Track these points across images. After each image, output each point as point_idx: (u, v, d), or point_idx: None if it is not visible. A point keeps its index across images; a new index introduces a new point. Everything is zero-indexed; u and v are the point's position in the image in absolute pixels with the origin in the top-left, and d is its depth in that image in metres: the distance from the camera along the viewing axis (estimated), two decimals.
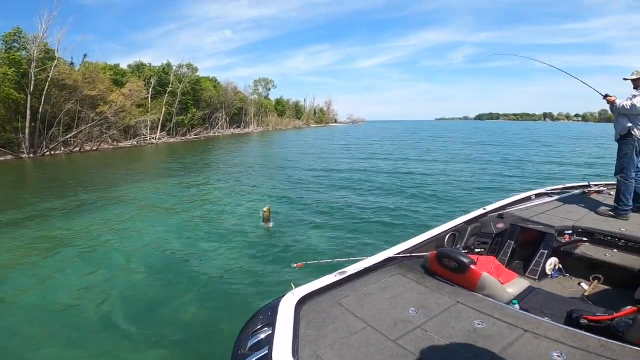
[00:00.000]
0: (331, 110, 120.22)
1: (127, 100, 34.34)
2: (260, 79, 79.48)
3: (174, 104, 44.11)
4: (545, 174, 14.74)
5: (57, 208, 9.92)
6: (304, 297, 2.13)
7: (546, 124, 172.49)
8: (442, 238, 3.20)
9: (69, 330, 4.01)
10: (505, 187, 11.44)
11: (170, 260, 6.08)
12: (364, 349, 1.70)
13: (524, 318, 1.89)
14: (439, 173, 14.84)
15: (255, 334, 1.88)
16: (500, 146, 29.58)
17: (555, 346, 1.62)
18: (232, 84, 61.56)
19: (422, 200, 9.93)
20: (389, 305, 2.08)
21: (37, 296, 4.85)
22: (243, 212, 9.14)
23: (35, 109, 26.73)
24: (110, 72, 36.92)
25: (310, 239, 6.87)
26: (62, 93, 28.61)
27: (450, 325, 1.86)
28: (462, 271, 2.26)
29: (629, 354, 1.54)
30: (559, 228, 3.37)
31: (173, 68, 45.76)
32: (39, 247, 6.86)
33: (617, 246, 3.15)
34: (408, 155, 23.07)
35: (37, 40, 27.37)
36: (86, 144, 31.09)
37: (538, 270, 3.11)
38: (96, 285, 5.12)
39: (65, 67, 30.33)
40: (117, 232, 7.70)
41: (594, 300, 2.73)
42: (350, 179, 13.91)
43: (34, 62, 26.32)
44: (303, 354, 1.66)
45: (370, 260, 2.62)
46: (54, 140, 28.72)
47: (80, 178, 15.98)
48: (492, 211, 3.94)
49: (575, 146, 29.72)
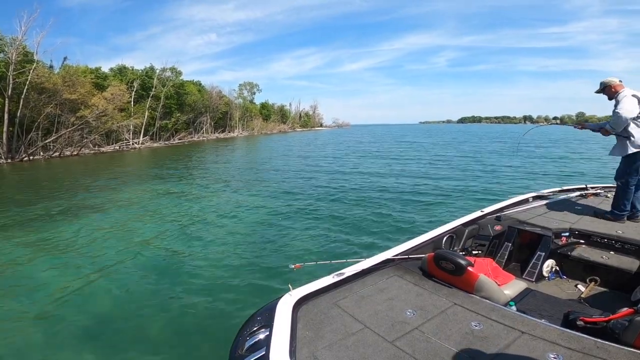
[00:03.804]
0: (317, 114, 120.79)
1: (109, 105, 33.62)
2: (246, 83, 79.36)
3: (158, 108, 43.49)
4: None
5: (36, 213, 9.61)
6: (302, 299, 2.12)
7: (527, 126, 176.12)
8: (440, 240, 3.20)
9: (50, 339, 3.90)
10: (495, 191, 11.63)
11: (164, 263, 5.98)
12: (362, 350, 1.70)
13: (521, 320, 1.90)
14: (430, 175, 15.00)
15: (253, 335, 1.87)
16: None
17: (552, 348, 1.64)
18: (216, 88, 61.38)
19: (417, 202, 9.97)
20: (386, 307, 2.08)
21: (23, 302, 4.71)
22: (237, 214, 9.05)
23: (13, 113, 26.03)
24: (92, 76, 36.11)
25: (307, 241, 6.84)
26: (41, 97, 27.95)
27: (447, 327, 1.86)
28: (460, 273, 2.27)
29: (625, 355, 1.55)
30: (556, 230, 3.39)
31: (157, 72, 45.23)
32: (19, 252, 6.64)
33: (614, 248, 3.16)
34: (403, 156, 23.27)
35: (16, 42, 26.70)
36: (66, 149, 30.39)
37: (535, 272, 3.12)
38: (82, 290, 5.00)
39: (44, 70, 29.61)
40: (104, 236, 7.49)
41: (591, 302, 2.76)
42: (347, 180, 13.92)
43: (12, 65, 25.62)
44: (300, 355, 1.65)
45: (367, 262, 2.61)
46: (33, 145, 27.97)
47: (60, 183, 15.50)
48: (490, 213, 3.95)
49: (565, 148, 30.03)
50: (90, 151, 32.64)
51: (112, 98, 34.62)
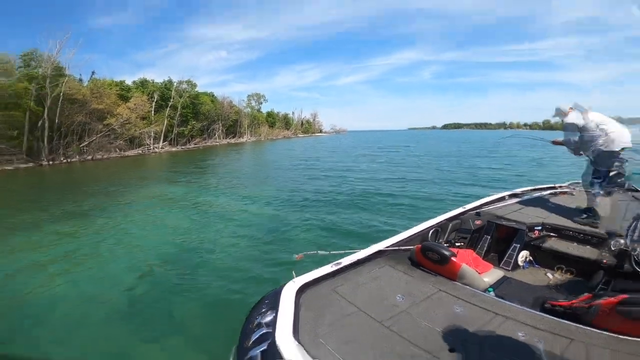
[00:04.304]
0: (317, 121, 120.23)
1: (132, 113, 33.71)
2: (253, 94, 78.71)
3: (175, 116, 43.35)
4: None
5: (83, 208, 9.73)
6: (304, 285, 2.13)
7: (501, 132, 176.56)
8: (427, 233, 3.20)
9: (96, 316, 3.99)
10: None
11: (185, 253, 6.06)
12: (356, 330, 1.71)
13: (498, 304, 1.91)
14: (417, 176, 14.99)
15: (262, 316, 1.88)
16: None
17: (524, 328, 1.67)
18: (227, 99, 61.01)
19: (407, 198, 9.98)
20: (379, 293, 2.08)
21: (64, 287, 4.79)
22: (246, 210, 9.06)
23: (52, 120, 26.05)
24: (117, 88, 36.01)
25: (308, 234, 6.85)
26: (73, 107, 27.92)
27: (433, 310, 1.87)
28: (444, 263, 2.28)
29: (584, 333, 1.59)
30: (529, 225, 3.40)
31: (174, 84, 44.98)
32: (69, 241, 6.82)
33: (578, 240, 3.17)
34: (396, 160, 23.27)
35: (52, 59, 26.81)
36: (98, 152, 30.40)
37: (511, 262, 3.13)
38: (117, 275, 5.13)
39: (74, 84, 29.59)
40: (135, 227, 7.70)
41: (559, 288, 2.77)
42: (344, 179, 13.89)
43: (49, 78, 25.74)
44: (303, 334, 1.67)
45: (362, 252, 2.61)
46: (69, 147, 28.01)
47: (100, 182, 15.59)
48: (471, 210, 3.95)
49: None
50: (117, 155, 32.59)
51: (135, 108, 34.74)
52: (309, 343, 1.59)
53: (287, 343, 1.56)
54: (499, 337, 1.61)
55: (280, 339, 1.59)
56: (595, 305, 1.67)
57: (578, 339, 1.56)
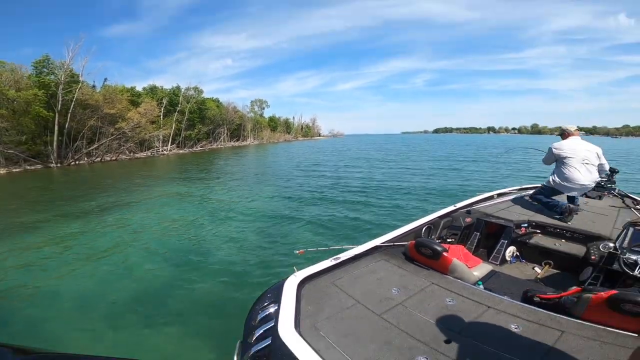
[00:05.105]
0: (316, 126, 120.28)
1: (142, 118, 33.61)
2: (256, 100, 78.90)
3: (183, 121, 43.26)
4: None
5: (86, 208, 9.62)
6: (305, 279, 2.11)
7: (490, 136, 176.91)
8: (420, 230, 3.20)
9: (102, 310, 3.95)
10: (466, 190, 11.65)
11: (190, 248, 6.04)
12: (354, 321, 1.70)
13: (487, 297, 1.90)
14: (411, 177, 15.01)
15: (264, 308, 1.86)
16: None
17: (513, 320, 1.65)
18: (232, 104, 60.85)
19: (404, 197, 9.99)
20: (375, 286, 2.07)
21: (70, 283, 4.74)
22: (250, 207, 9.04)
23: (62, 125, 25.93)
24: (128, 94, 35.82)
25: (309, 230, 6.85)
26: (85, 111, 27.85)
27: (426, 302, 1.86)
28: (436, 257, 2.26)
29: (573, 326, 1.57)
30: (517, 222, 3.39)
31: (182, 90, 44.90)
32: (74, 239, 6.75)
33: (564, 237, 3.17)
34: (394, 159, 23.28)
35: (65, 66, 26.72)
36: (106, 155, 30.28)
37: (499, 257, 3.12)
38: (123, 270, 5.09)
39: (88, 90, 29.47)
40: (142, 224, 7.63)
41: (546, 282, 2.76)
42: (342, 179, 13.85)
43: (62, 85, 25.64)
44: (303, 326, 1.66)
45: (360, 248, 2.60)
46: (79, 152, 27.86)
47: (105, 183, 15.51)
48: (461, 208, 3.94)
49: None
50: (127, 157, 32.48)
51: (145, 112, 34.66)
52: (311, 336, 1.58)
53: (290, 336, 1.56)
54: (490, 329, 1.59)
55: (282, 333, 1.58)
56: (584, 298, 1.65)
57: (569, 331, 1.54)
